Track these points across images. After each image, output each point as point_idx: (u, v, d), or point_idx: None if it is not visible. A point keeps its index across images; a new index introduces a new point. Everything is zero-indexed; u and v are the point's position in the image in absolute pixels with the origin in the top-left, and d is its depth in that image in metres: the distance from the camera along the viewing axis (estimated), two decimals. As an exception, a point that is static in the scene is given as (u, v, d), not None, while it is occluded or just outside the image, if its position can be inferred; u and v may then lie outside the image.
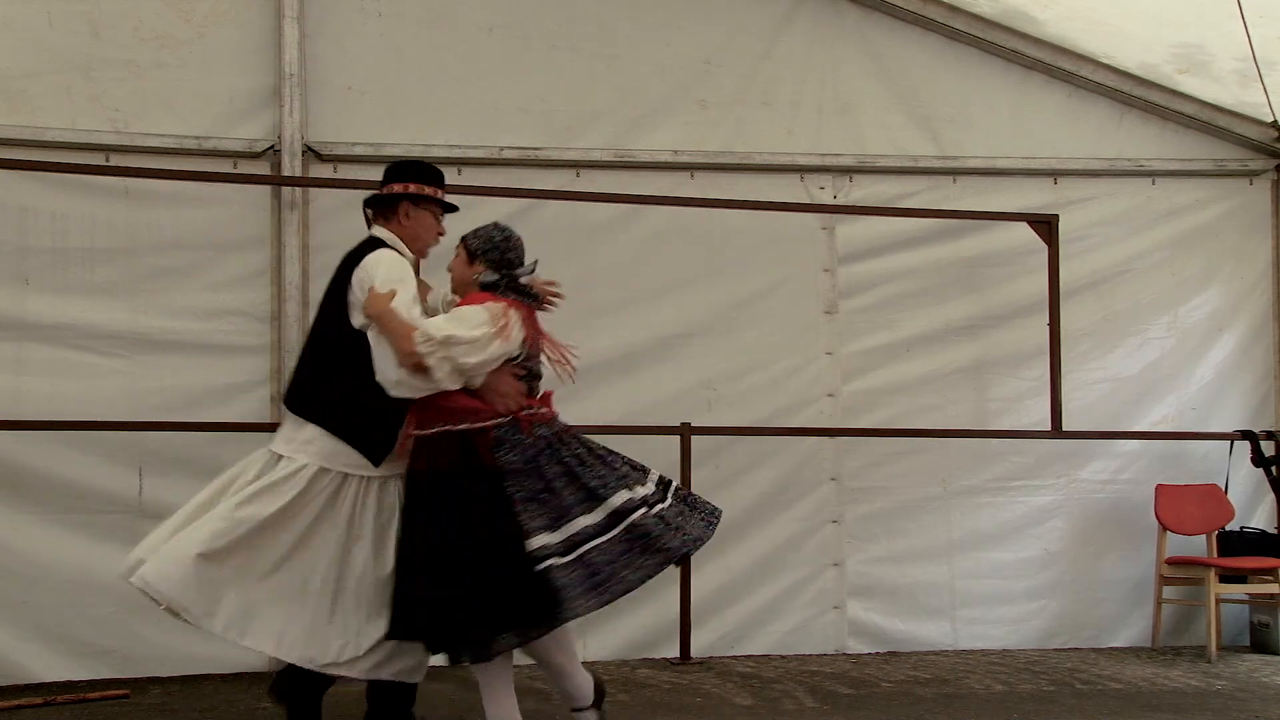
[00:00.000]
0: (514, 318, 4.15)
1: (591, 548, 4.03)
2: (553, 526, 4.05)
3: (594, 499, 4.09)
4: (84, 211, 5.80)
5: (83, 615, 5.62)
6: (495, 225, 4.36)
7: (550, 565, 3.97)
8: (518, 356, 4.17)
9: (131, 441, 5.68)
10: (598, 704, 4.41)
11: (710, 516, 4.26)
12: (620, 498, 4.10)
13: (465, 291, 4.33)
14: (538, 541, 4.01)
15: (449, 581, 4.00)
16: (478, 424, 4.09)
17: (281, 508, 4.16)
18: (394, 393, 4.09)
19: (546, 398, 4.28)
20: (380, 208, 4.46)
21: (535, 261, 4.34)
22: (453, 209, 4.53)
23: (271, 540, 4.16)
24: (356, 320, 4.20)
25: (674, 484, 4.29)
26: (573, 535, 4.04)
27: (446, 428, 4.10)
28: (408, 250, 4.41)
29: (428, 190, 4.43)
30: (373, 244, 4.36)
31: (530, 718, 4.92)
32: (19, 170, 5.65)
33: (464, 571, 3.99)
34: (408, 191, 4.41)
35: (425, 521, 4.10)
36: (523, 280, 4.27)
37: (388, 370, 4.07)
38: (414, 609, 4.07)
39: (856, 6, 6.72)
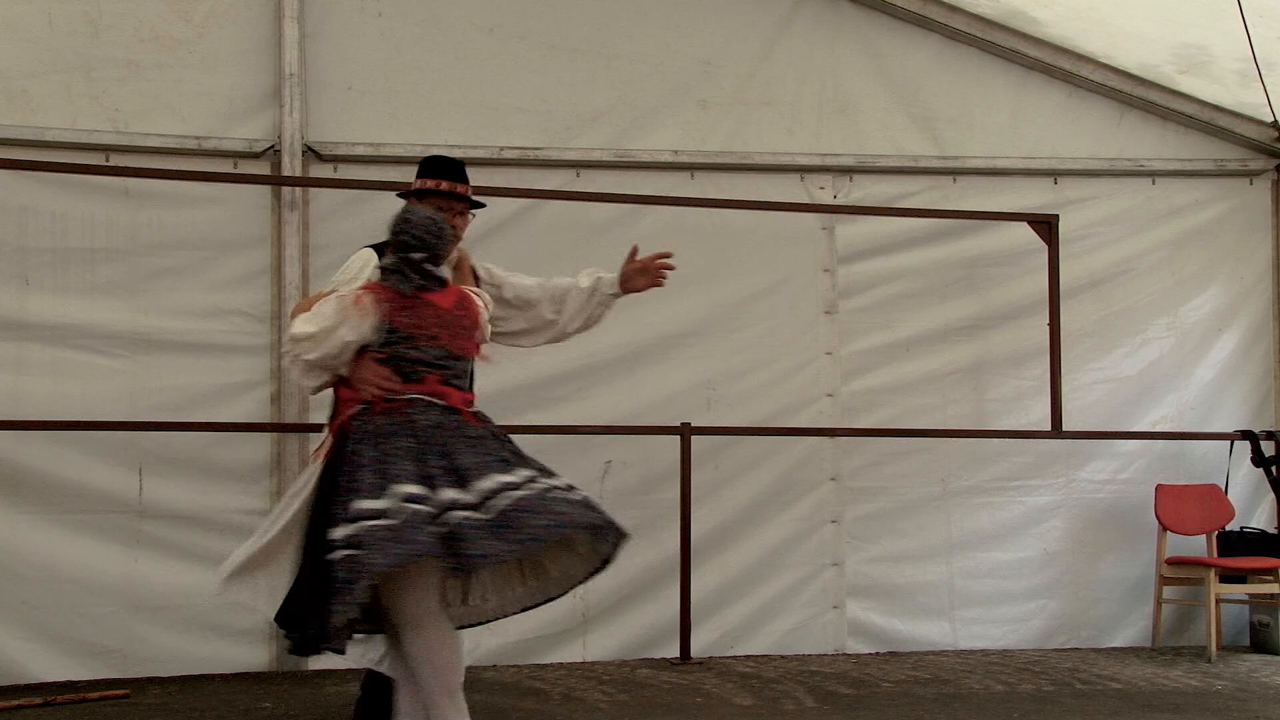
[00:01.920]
0: (366, 304, 3.95)
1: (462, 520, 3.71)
2: (376, 491, 3.72)
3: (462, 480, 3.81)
4: (84, 211, 5.79)
5: (83, 615, 5.61)
6: (404, 207, 4.19)
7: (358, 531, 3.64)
8: (377, 342, 3.94)
9: (131, 441, 5.68)
10: None
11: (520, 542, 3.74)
12: (490, 481, 3.81)
13: None
14: (359, 504, 3.69)
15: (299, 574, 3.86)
16: (345, 415, 3.92)
17: None
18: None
19: (430, 382, 3.97)
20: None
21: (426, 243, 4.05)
22: (462, 199, 4.35)
23: None
24: None
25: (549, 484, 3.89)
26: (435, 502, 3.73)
27: (331, 420, 4.03)
28: None
29: (429, 184, 4.36)
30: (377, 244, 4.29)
31: (531, 717, 4.94)
32: (19, 170, 5.64)
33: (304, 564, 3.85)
34: (410, 189, 4.42)
35: (308, 515, 3.91)
36: (426, 265, 4.04)
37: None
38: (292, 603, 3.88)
39: (856, 6, 6.71)
